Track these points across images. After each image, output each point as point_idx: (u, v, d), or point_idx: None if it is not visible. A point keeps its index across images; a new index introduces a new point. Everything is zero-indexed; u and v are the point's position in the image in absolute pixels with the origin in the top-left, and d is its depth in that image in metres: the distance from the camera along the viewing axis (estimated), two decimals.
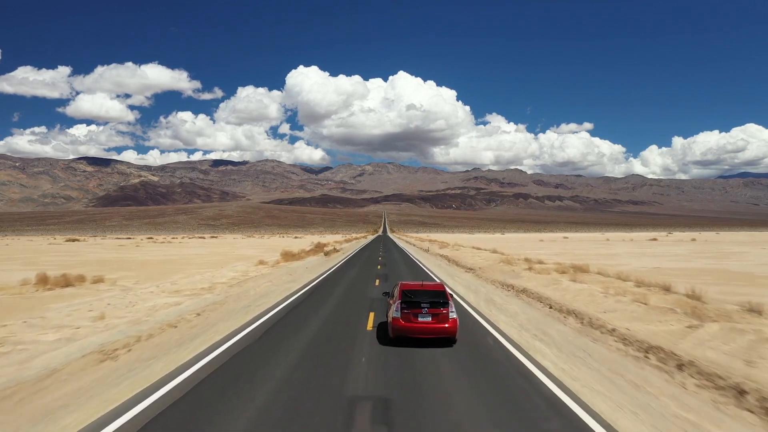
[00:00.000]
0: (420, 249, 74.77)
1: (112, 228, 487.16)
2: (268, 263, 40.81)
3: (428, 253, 61.00)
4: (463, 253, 55.02)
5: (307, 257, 50.83)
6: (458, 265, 39.33)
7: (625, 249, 74.30)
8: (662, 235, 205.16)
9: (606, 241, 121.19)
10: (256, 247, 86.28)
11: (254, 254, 62.46)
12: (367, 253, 59.36)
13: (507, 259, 41.28)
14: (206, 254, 62.25)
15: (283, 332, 14.35)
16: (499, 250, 55.35)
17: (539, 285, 23.44)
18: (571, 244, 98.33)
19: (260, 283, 26.56)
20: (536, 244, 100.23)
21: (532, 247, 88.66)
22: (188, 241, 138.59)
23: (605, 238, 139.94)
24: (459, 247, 73.51)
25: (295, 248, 77.01)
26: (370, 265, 39.76)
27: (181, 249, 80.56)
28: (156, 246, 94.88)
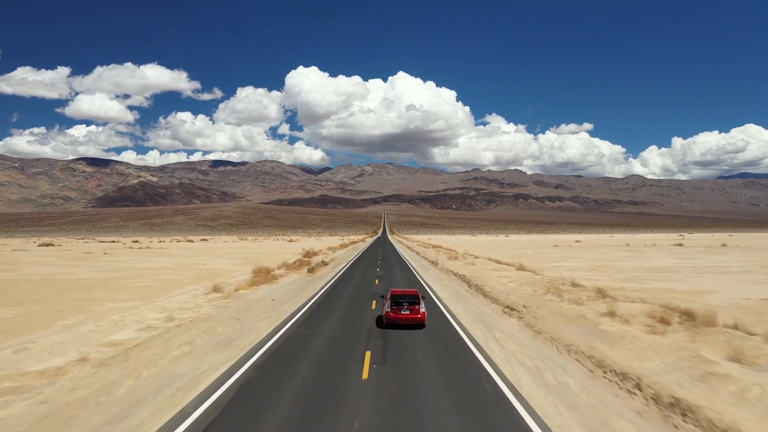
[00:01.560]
0: (425, 260, 63.66)
1: (108, 229, 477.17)
2: (223, 291, 29.91)
3: (437, 268, 49.95)
4: (481, 269, 44.06)
5: (283, 277, 39.83)
6: (486, 296, 28.21)
7: (668, 260, 63.28)
8: (675, 238, 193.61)
9: (626, 246, 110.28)
10: (235, 257, 75.27)
11: (224, 268, 51.52)
12: (362, 269, 48.33)
13: (551, 284, 30.31)
14: (167, 269, 51.35)
15: None
16: (525, 265, 44.41)
17: (679, 371, 12.45)
18: (595, 251, 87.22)
19: (162, 351, 15.56)
20: (554, 252, 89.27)
21: (552, 255, 77.72)
22: (170, 246, 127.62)
23: (625, 243, 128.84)
24: (469, 257, 62.54)
25: (277, 259, 66.09)
26: (364, 295, 28.66)
27: (148, 258, 69.62)
28: (126, 254, 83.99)
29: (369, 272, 44.04)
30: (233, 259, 69.58)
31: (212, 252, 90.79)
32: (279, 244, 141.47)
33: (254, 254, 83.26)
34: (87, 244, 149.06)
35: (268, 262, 59.97)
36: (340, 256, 72.53)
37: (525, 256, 74.97)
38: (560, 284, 31.82)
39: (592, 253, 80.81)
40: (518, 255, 76.89)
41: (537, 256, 75.41)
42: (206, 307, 24.26)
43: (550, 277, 36.18)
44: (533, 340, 16.96)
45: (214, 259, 68.43)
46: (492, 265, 47.51)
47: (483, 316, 21.43)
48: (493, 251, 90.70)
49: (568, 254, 79.51)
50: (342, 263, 56.53)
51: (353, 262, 57.54)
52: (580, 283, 32.25)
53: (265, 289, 31.98)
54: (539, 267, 49.64)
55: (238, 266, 54.68)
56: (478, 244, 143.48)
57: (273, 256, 75.95)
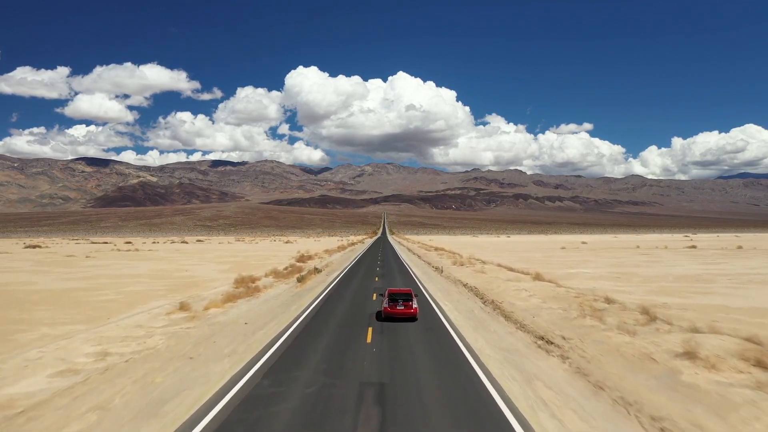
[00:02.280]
0: (428, 266, 58.54)
1: (106, 229, 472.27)
2: (190, 309, 24.92)
3: (442, 276, 44.84)
4: (492, 278, 39.05)
5: (268, 289, 34.78)
6: (507, 317, 23.05)
7: (692, 265, 58.17)
8: (682, 239, 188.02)
9: (637, 248, 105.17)
10: (223, 261, 70.10)
11: (206, 276, 46.44)
12: (359, 278, 43.30)
13: (582, 301, 25.30)
14: (142, 277, 46.30)
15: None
16: (542, 273, 39.41)
17: None
18: (607, 255, 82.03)
19: (54, 427, 10.53)
20: (564, 255, 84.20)
21: (563, 259, 72.63)
22: (162, 248, 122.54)
23: (634, 245, 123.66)
24: (477, 262, 57.49)
25: (269, 263, 61.00)
26: (357, 317, 23.56)
27: (130, 263, 64.54)
28: (109, 258, 78.93)
29: (366, 283, 38.98)
30: (221, 264, 64.51)
31: (202, 255, 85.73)
32: (275, 246, 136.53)
33: (246, 257, 78.19)
34: (76, 246, 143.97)
35: (258, 268, 54.95)
36: (336, 261, 67.46)
37: (535, 260, 69.93)
38: (592, 300, 26.83)
39: (605, 257, 75.74)
40: (527, 259, 71.85)
41: (547, 260, 70.36)
42: (159, 335, 19.19)
43: (577, 291, 31.17)
44: (596, 401, 11.80)
45: (200, 264, 63.35)
46: (504, 273, 42.46)
47: (513, 354, 16.28)
48: (498, 254, 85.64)
49: (580, 258, 74.44)
50: (337, 270, 51.45)
51: (349, 269, 52.49)
52: (613, 297, 27.24)
53: (243, 306, 26.92)
54: (555, 275, 44.64)
55: (223, 273, 49.65)
56: (481, 246, 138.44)
57: (265, 260, 70.94)
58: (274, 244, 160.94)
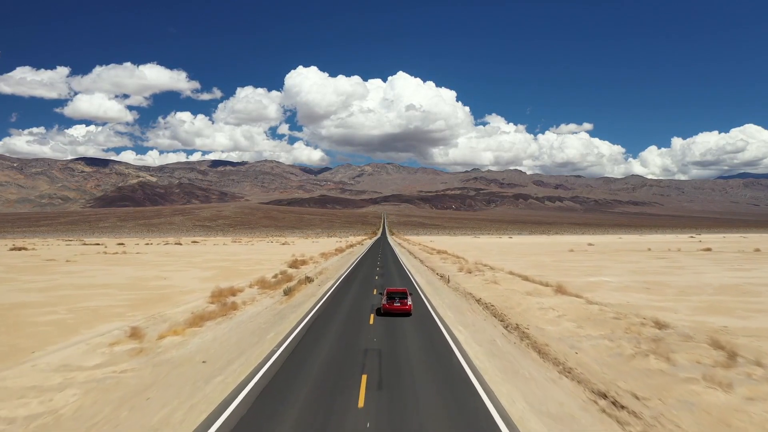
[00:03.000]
0: (432, 273, 53.37)
1: (104, 230, 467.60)
2: (142, 338, 19.87)
3: (450, 287, 39.64)
4: (508, 291, 33.97)
5: (248, 305, 29.67)
6: (542, 352, 17.85)
7: (721, 272, 52.97)
8: (689, 240, 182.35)
9: (649, 251, 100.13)
10: (210, 266, 64.90)
11: (183, 286, 41.28)
12: (355, 289, 38.20)
13: (627, 325, 20.21)
14: (112, 287, 41.22)
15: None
16: (565, 285, 34.34)
17: None
18: (622, 259, 76.76)
19: None
20: (575, 259, 79.07)
21: (576, 263, 67.51)
22: (153, 250, 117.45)
23: (645, 247, 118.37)
24: (486, 269, 52.38)
25: (259, 269, 55.80)
26: (351, 347, 18.45)
27: (107, 270, 59.44)
28: (90, 262, 73.90)
29: (363, 296, 33.85)
30: (206, 269, 59.36)
31: (190, 259, 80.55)
32: (271, 248, 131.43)
33: (236, 262, 73.05)
34: (66, 248, 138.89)
35: (244, 276, 49.90)
36: (331, 267, 62.33)
37: (546, 266, 64.86)
38: (638, 324, 21.74)
39: (621, 262, 70.61)
40: (537, 264, 66.79)
41: (559, 265, 65.26)
42: (77, 387, 14.09)
43: (612, 308, 26.09)
44: None
45: (183, 270, 58.22)
46: (520, 284, 37.36)
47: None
48: (505, 258, 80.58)
49: (594, 263, 69.32)
50: (331, 279, 46.30)
51: (345, 278, 47.37)
52: (663, 320, 22.20)
53: (208, 333, 21.82)
54: (575, 284, 39.62)
55: (205, 282, 44.55)
56: (485, 248, 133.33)
57: (256, 265, 65.86)
58: (270, 245, 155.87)
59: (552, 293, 32.34)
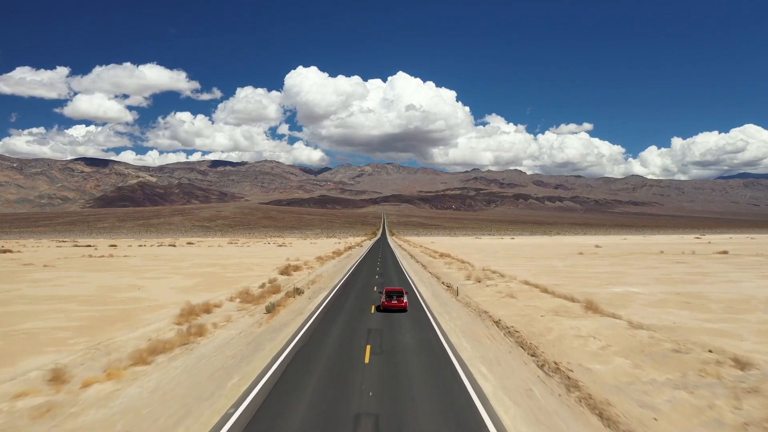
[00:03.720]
0: (437, 281, 48.25)
1: (102, 230, 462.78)
2: (61, 386, 14.90)
3: (459, 300, 34.54)
4: (529, 308, 28.89)
5: (219, 329, 24.60)
6: (603, 416, 12.94)
7: (758, 281, 47.90)
8: (697, 241, 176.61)
9: (661, 253, 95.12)
10: (197, 272, 59.76)
11: (157, 299, 36.22)
12: (351, 302, 33.17)
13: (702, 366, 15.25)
14: (74, 299, 36.24)
15: None
16: (595, 301, 29.32)
17: None
18: (639, 263, 71.54)
19: None
20: (588, 263, 73.96)
21: (591, 268, 62.42)
22: (143, 252, 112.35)
23: (658, 250, 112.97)
24: (496, 276, 47.29)
25: (247, 276, 50.68)
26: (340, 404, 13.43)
27: (82, 276, 54.45)
28: (69, 267, 68.96)
29: (359, 315, 28.78)
30: (190, 277, 54.26)
31: (176, 264, 75.45)
32: (266, 251, 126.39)
33: (225, 267, 67.95)
34: (56, 250, 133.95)
35: (229, 285, 44.87)
36: (327, 273, 57.26)
37: (559, 272, 59.83)
38: (714, 362, 16.72)
39: (642, 268, 65.51)
40: (549, 270, 61.76)
41: (574, 271, 60.20)
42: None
43: (668, 337, 21.04)
44: None
45: (165, 278, 53.15)
46: (540, 299, 32.28)
47: None
48: (513, 263, 75.53)
49: (611, 268, 64.22)
50: (325, 289, 41.23)
51: (340, 288, 42.33)
52: (743, 356, 17.17)
53: (157, 372, 16.79)
54: (601, 296, 34.69)
55: (182, 293, 39.55)
56: (488, 250, 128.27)
57: (245, 271, 60.86)
58: (266, 247, 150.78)
59: (582, 311, 27.30)
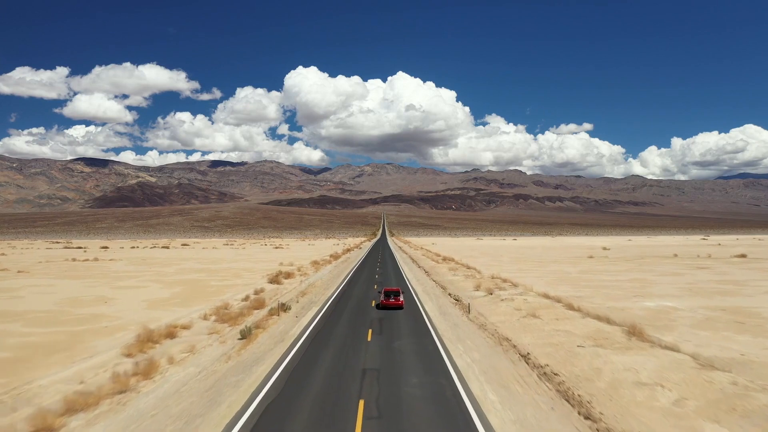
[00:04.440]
0: (444, 293, 43.09)
1: (100, 230, 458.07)
2: None
3: (472, 320, 29.35)
4: (560, 333, 23.90)
5: (174, 364, 19.58)
6: None
7: None
8: (705, 242, 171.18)
9: (675, 256, 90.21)
10: (178, 281, 54.52)
11: (122, 317, 31.16)
12: (346, 320, 28.28)
13: None
14: (21, 317, 31.25)
15: None
16: (639, 325, 24.32)
17: None
18: (658, 268, 66.32)
19: None
20: (601, 268, 68.87)
21: (613, 277, 57.35)
22: (132, 254, 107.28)
23: (671, 253, 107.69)
24: (508, 286, 42.30)
25: (227, 288, 45.35)
26: None
27: (55, 283, 49.41)
28: (43, 274, 64.04)
29: (355, 339, 23.85)
30: (170, 286, 49.18)
31: (161, 269, 70.37)
32: (261, 253, 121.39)
33: (211, 274, 62.88)
34: (45, 252, 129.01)
35: (208, 297, 39.85)
36: (321, 281, 52.23)
37: (575, 279, 54.80)
38: None
39: (661, 274, 60.45)
40: (564, 278, 56.73)
41: (591, 279, 55.14)
42: None
43: (757, 383, 16.09)
44: None
45: (142, 287, 48.11)
46: (569, 319, 27.23)
47: None
48: (522, 268, 70.50)
49: (629, 274, 59.18)
50: (315, 304, 36.17)
51: (334, 301, 37.34)
52: None
53: None
54: (636, 314, 29.75)
55: (154, 307, 34.57)
56: (493, 252, 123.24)
57: (232, 279, 55.83)
58: (262, 249, 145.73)
59: (626, 339, 22.26)
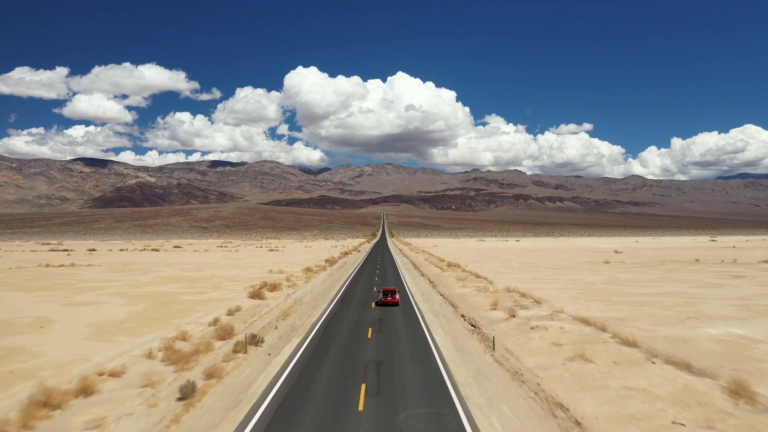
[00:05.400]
0: (456, 313, 36.13)
1: (98, 231, 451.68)
2: None
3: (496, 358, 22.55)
4: (638, 391, 17.06)
5: None
6: None
7: None
8: (714, 244, 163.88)
9: (697, 261, 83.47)
10: (146, 296, 47.41)
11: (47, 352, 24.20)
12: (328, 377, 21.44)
13: None
14: None
15: None
16: (747, 384, 17.53)
17: None
18: (688, 276, 59.29)
19: None
20: (631, 279, 61.90)
21: (645, 290, 50.40)
22: (114, 258, 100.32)
23: (693, 258, 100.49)
24: (533, 304, 35.47)
25: (199, 304, 37.58)
26: None
27: (8, 298, 42.55)
28: (7, 283, 57.09)
29: (343, 399, 17.10)
30: (135, 301, 42.15)
31: (136, 277, 63.32)
32: (254, 257, 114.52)
33: (192, 282, 55.84)
34: (30, 254, 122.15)
35: (177, 316, 32.84)
36: (310, 296, 45.24)
37: (603, 292, 47.89)
38: None
39: (701, 286, 53.58)
40: (589, 289, 49.82)
41: (622, 292, 48.22)
42: None
43: None
44: None
45: (100, 303, 41.13)
46: (637, 366, 20.29)
47: None
48: (535, 275, 63.61)
49: (664, 286, 52.31)
50: (299, 330, 29.12)
51: (322, 327, 30.47)
52: None
53: None
54: (694, 342, 22.98)
55: (97, 336, 27.70)
56: (500, 256, 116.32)
57: (211, 291, 48.83)
58: (256, 252, 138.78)
59: (731, 403, 15.41)
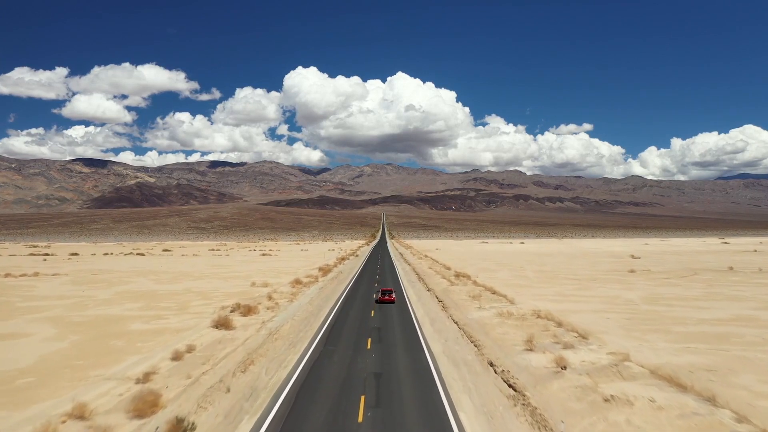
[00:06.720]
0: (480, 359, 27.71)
1: (96, 231, 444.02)
2: None
3: None
4: None
5: None
6: None
7: None
8: (726, 247, 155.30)
9: (728, 270, 75.28)
10: (91, 323, 38.42)
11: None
12: None
13: None
14: None
15: None
16: None
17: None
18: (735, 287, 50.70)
19: None
20: (669, 293, 53.31)
21: (687, 307, 41.89)
22: (97, 263, 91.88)
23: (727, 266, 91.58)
24: (575, 337, 26.94)
25: (148, 334, 28.93)
26: None
27: None
28: None
29: None
30: (66, 333, 33.33)
31: (95, 293, 54.77)
32: (243, 263, 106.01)
33: (158, 299, 47.11)
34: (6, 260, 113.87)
35: (113, 356, 24.15)
36: (293, 322, 36.58)
37: (656, 320, 39.34)
38: None
39: (757, 305, 45.16)
40: (636, 313, 41.24)
41: (678, 317, 39.70)
42: None
43: None
44: None
45: (24, 334, 32.58)
46: None
47: None
48: (561, 290, 55.07)
49: (706, 303, 43.82)
50: (261, 393, 20.71)
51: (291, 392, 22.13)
52: None
53: None
54: None
55: None
56: (510, 262, 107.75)
57: (172, 315, 40.22)
58: (247, 257, 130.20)
59: None
